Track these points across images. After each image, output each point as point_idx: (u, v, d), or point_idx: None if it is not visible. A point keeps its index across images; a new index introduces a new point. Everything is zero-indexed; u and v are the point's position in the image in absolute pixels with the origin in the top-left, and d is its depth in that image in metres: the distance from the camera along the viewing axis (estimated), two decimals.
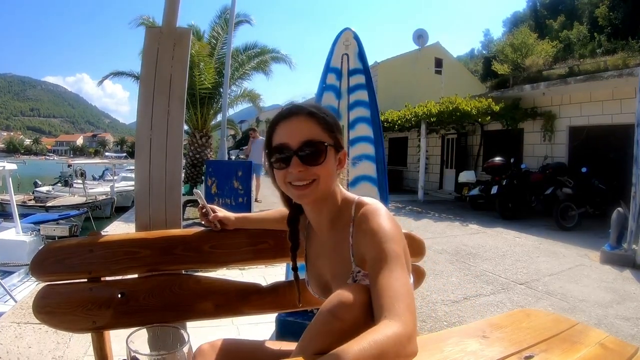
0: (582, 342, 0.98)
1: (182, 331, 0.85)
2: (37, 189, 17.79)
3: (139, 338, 0.82)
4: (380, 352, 0.71)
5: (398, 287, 0.86)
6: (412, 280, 1.07)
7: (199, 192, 1.47)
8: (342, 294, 0.96)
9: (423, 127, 12.49)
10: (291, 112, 1.07)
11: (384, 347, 0.72)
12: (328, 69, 2.72)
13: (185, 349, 0.80)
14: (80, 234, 10.30)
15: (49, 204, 14.50)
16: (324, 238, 1.16)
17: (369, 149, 2.67)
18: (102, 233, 1.44)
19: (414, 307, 0.84)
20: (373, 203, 1.07)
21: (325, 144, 1.04)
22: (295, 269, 1.26)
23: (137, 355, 0.77)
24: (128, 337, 0.80)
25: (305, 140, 1.03)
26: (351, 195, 1.14)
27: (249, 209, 6.19)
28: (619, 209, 5.80)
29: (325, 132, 1.06)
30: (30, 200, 15.80)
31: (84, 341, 2.62)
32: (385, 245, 0.93)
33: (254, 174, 10.57)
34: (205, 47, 10.63)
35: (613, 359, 0.94)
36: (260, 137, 11.33)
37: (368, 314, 0.92)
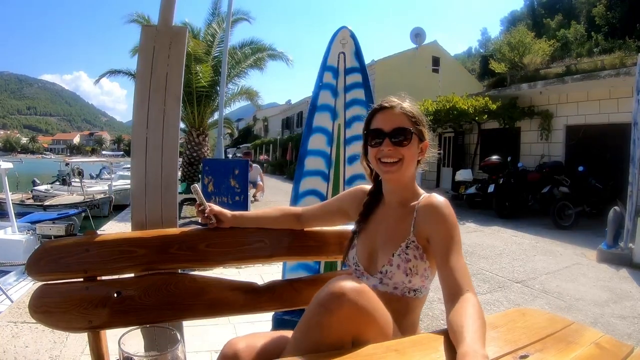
0: (577, 341, 0.98)
1: (175, 331, 0.85)
2: (35, 187, 17.66)
3: (132, 339, 0.81)
4: (483, 321, 0.93)
5: (466, 268, 1.11)
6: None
7: (197, 186, 1.46)
8: (332, 286, 0.98)
9: None
10: (387, 106, 1.30)
11: (482, 314, 0.96)
12: (324, 67, 2.71)
13: (178, 350, 0.80)
14: (79, 233, 10.26)
15: (46, 202, 14.40)
16: (391, 210, 1.33)
17: None
18: (98, 232, 1.43)
19: None
20: (441, 197, 1.26)
21: (411, 130, 1.27)
22: (355, 232, 1.39)
23: (130, 357, 0.77)
24: (120, 338, 0.79)
25: (396, 127, 1.26)
26: (421, 189, 1.35)
27: (245, 207, 6.18)
28: (616, 207, 5.82)
29: (411, 124, 1.28)
30: (28, 199, 15.70)
31: (80, 340, 2.62)
32: (455, 231, 1.17)
33: (259, 182, 11.04)
34: (200, 44, 10.60)
35: (608, 358, 0.95)
36: (255, 166, 11.56)
37: (359, 307, 0.96)
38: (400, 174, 1.28)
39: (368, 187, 1.47)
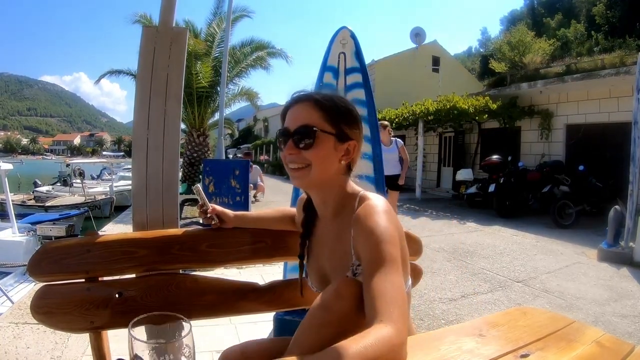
0: (578, 340, 0.99)
1: (184, 321, 0.86)
2: (36, 188, 17.68)
3: (140, 330, 0.83)
4: (375, 357, 0.71)
5: (393, 291, 0.84)
6: (409, 281, 1.08)
7: (199, 187, 1.46)
8: (333, 288, 0.97)
9: (420, 125, 12.50)
10: (299, 98, 1.11)
11: (379, 351, 0.72)
12: (325, 67, 2.72)
13: (187, 338, 0.80)
14: (81, 234, 10.26)
15: (48, 203, 14.42)
16: (327, 227, 1.16)
17: (366, 147, 2.67)
18: (99, 233, 1.44)
19: (407, 314, 0.84)
20: (374, 199, 1.06)
21: (315, 129, 1.05)
22: (302, 256, 1.25)
23: (138, 344, 0.78)
24: (130, 325, 0.81)
25: (299, 125, 1.06)
26: (357, 188, 1.14)
27: (246, 208, 6.18)
28: (616, 206, 5.81)
29: (326, 121, 1.07)
30: (30, 200, 15.73)
31: (82, 341, 2.62)
32: (381, 246, 0.91)
33: (260, 183, 11.14)
34: (201, 44, 10.59)
35: (609, 357, 0.95)
36: (255, 167, 11.60)
37: (359, 306, 0.92)
38: (310, 181, 1.09)
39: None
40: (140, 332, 0.84)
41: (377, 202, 1.04)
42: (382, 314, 0.79)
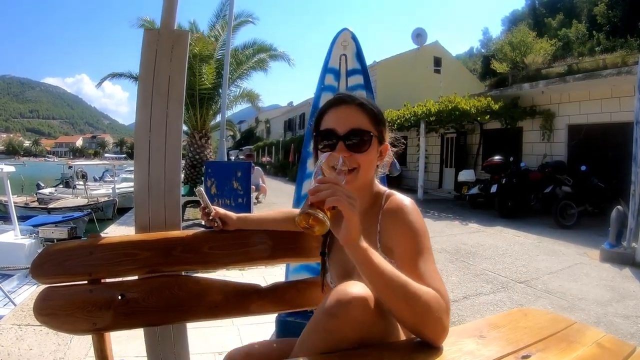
0: (579, 341, 0.99)
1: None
2: (39, 190, 17.70)
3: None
4: (427, 300, 0.85)
5: (439, 279, 0.95)
6: None
7: (202, 190, 1.46)
8: (339, 292, 0.95)
9: (422, 126, 12.49)
10: (342, 100, 1.12)
11: (431, 299, 0.86)
12: (326, 69, 2.72)
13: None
14: (83, 236, 10.26)
15: (51, 205, 14.43)
16: None
17: None
18: (102, 235, 1.44)
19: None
20: (401, 196, 1.12)
21: (371, 134, 1.09)
22: (324, 253, 1.27)
23: None
24: None
25: (352, 128, 1.07)
26: (382, 186, 1.19)
27: (248, 210, 6.19)
28: (618, 207, 5.80)
29: (372, 124, 1.11)
30: (33, 202, 15.75)
31: (84, 343, 2.62)
32: (421, 239, 1.01)
33: (262, 185, 11.44)
34: (212, 44, 10.59)
35: (610, 358, 0.95)
36: (256, 168, 11.65)
37: (366, 311, 0.91)
38: (356, 183, 1.09)
39: None
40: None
41: (406, 199, 1.10)
42: (440, 289, 0.90)
